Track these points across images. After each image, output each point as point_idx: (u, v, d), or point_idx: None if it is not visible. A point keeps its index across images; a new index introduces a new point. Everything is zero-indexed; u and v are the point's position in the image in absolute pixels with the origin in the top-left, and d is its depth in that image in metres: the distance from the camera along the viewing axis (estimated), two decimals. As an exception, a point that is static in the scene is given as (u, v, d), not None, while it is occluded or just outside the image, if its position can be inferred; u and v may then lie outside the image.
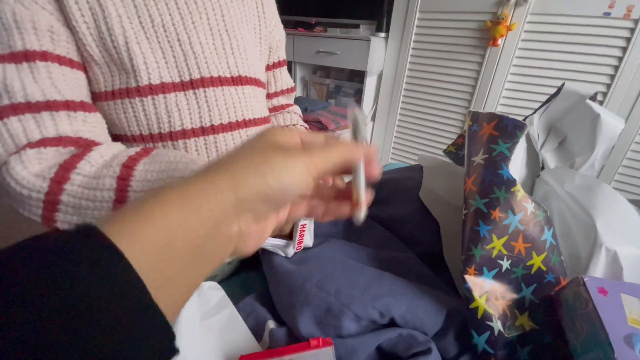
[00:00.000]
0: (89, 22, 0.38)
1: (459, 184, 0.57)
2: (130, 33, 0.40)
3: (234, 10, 0.48)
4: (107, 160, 0.35)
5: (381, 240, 0.52)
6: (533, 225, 0.38)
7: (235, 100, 0.48)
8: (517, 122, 0.40)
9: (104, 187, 0.33)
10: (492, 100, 1.51)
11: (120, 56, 0.40)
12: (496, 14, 1.39)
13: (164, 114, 0.43)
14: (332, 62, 1.81)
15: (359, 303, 0.38)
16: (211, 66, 0.45)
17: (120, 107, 0.42)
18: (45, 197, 0.33)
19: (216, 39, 0.46)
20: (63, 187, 0.33)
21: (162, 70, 0.42)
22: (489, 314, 0.36)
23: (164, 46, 0.42)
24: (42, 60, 0.35)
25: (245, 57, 0.50)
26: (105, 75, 0.41)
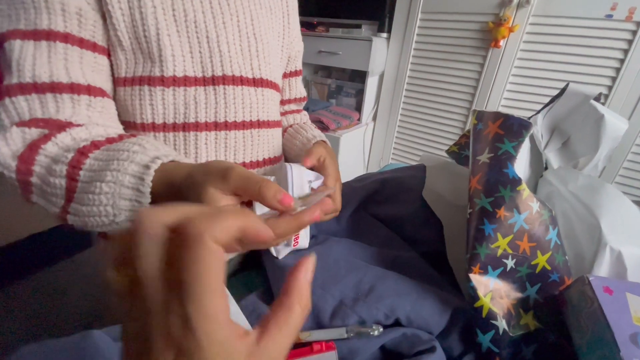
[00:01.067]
0: (124, 9, 0.39)
1: (462, 183, 0.57)
2: (163, 25, 0.41)
3: (262, 17, 0.50)
4: (72, 144, 0.34)
5: (384, 239, 0.52)
6: (538, 225, 0.38)
7: (252, 100, 0.49)
8: (522, 121, 0.40)
9: (55, 173, 0.33)
10: (493, 101, 1.51)
11: (150, 45, 0.41)
12: (498, 15, 1.39)
13: (181, 106, 0.44)
14: (333, 62, 1.80)
15: (364, 305, 0.38)
16: (234, 66, 0.46)
17: (137, 93, 0.43)
18: (17, 177, 0.33)
19: (243, 40, 0.47)
20: (31, 168, 0.33)
21: (187, 64, 0.43)
22: (493, 312, 0.36)
23: (192, 41, 0.43)
24: (62, 42, 0.36)
25: (268, 62, 0.51)
26: (129, 62, 0.42)
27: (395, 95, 1.80)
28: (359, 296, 0.39)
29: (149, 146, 0.34)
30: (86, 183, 0.32)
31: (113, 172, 0.31)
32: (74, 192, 0.33)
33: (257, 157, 0.52)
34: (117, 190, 0.30)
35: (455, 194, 0.55)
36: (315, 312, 0.39)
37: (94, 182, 0.31)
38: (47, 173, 0.33)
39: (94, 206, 0.31)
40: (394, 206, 0.55)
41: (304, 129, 0.62)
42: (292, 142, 0.60)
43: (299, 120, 0.68)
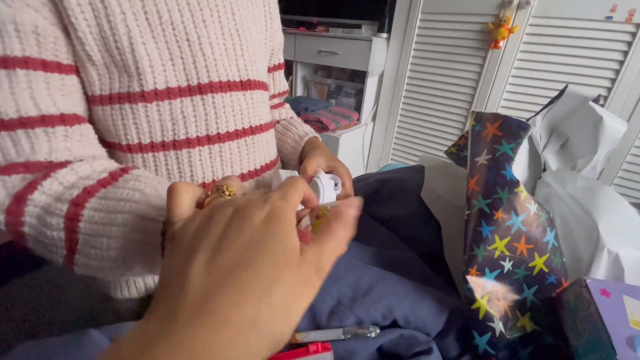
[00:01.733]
0: (90, 20, 0.34)
1: (460, 184, 0.57)
2: (136, 32, 0.36)
3: (244, 9, 0.45)
4: (61, 191, 0.32)
5: (383, 240, 0.52)
6: (536, 227, 0.38)
7: (243, 106, 0.46)
8: (521, 123, 0.40)
9: (52, 227, 0.30)
10: (492, 102, 1.51)
11: (124, 57, 0.36)
12: (498, 17, 1.39)
13: (168, 122, 0.40)
14: (333, 62, 1.80)
15: (361, 305, 0.38)
16: (220, 69, 0.42)
17: (118, 113, 0.39)
18: (7, 228, 0.32)
19: (227, 39, 0.43)
20: (21, 219, 0.31)
21: (168, 73, 0.39)
22: (490, 314, 0.36)
23: (171, 46, 0.38)
24: (22, 68, 0.31)
25: (254, 60, 0.47)
26: (103, 78, 0.37)
27: (394, 95, 1.80)
28: (356, 296, 0.39)
29: (148, 190, 0.32)
30: (90, 236, 0.30)
31: (120, 227, 0.29)
32: (76, 244, 0.31)
33: (254, 165, 0.49)
34: (128, 246, 0.29)
35: (454, 194, 0.55)
36: (312, 312, 0.39)
37: (99, 236, 0.30)
38: (41, 225, 0.31)
39: (103, 261, 0.30)
40: (393, 206, 0.55)
41: (293, 125, 0.60)
42: (283, 140, 0.58)
43: (285, 114, 0.65)
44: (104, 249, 0.30)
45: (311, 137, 0.57)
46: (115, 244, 0.29)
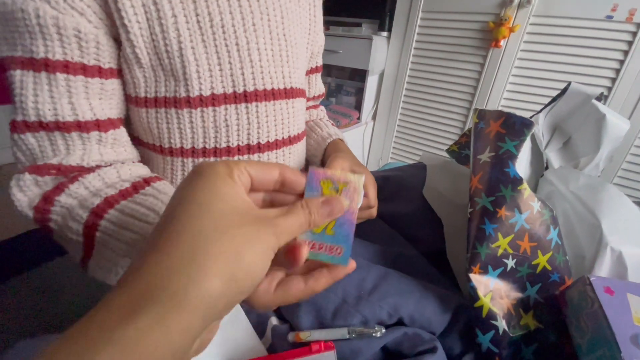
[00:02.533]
0: (142, 22, 0.34)
1: (462, 182, 0.57)
2: (186, 36, 0.36)
3: (292, 12, 0.44)
4: (86, 196, 0.33)
5: (385, 237, 0.52)
6: (539, 224, 0.38)
7: (284, 116, 0.45)
8: (524, 120, 0.40)
9: (72, 230, 0.32)
10: (493, 101, 1.51)
11: (172, 62, 0.36)
12: (499, 15, 1.38)
13: (211, 129, 0.40)
14: (333, 61, 1.80)
15: (367, 304, 0.38)
16: (266, 77, 0.42)
17: (163, 117, 0.39)
18: (35, 222, 0.33)
19: (275, 45, 0.42)
20: (47, 216, 0.33)
21: (215, 79, 0.38)
22: (493, 312, 0.36)
23: (220, 50, 0.38)
24: (62, 72, 0.32)
25: (297, 67, 0.47)
26: (149, 80, 0.37)
27: (395, 94, 1.80)
28: (361, 295, 0.38)
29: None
30: (103, 247, 0.32)
31: (128, 246, 0.30)
32: (91, 250, 0.32)
33: None
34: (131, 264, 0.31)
35: (456, 193, 0.55)
36: (317, 310, 0.38)
37: (109, 249, 0.31)
38: (64, 225, 0.32)
39: (110, 273, 0.32)
40: (395, 204, 0.54)
41: (319, 126, 0.59)
42: (307, 142, 0.57)
43: (315, 115, 0.63)
44: (111, 262, 0.31)
45: (335, 140, 0.55)
46: (123, 262, 0.31)
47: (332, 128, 0.60)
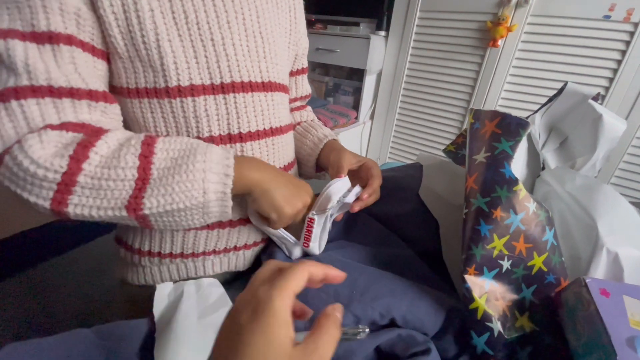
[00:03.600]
0: (118, 13, 0.35)
1: (458, 183, 0.56)
2: (163, 29, 0.37)
3: (268, 13, 0.46)
4: (124, 141, 0.35)
5: (381, 237, 0.52)
6: (534, 225, 0.38)
7: (264, 107, 0.46)
8: (520, 120, 0.39)
9: (126, 164, 0.33)
10: (491, 100, 1.51)
11: (150, 53, 0.37)
12: (497, 15, 1.38)
13: (192, 119, 0.41)
14: (331, 60, 1.79)
15: (359, 304, 0.37)
16: (242, 70, 0.43)
17: (147, 107, 0.40)
18: (61, 177, 0.31)
19: (250, 41, 0.44)
20: (82, 166, 0.32)
21: (192, 71, 0.40)
22: (488, 314, 0.36)
23: (196, 45, 0.39)
24: (66, 44, 0.33)
25: (276, 62, 0.48)
26: (128, 71, 0.39)
27: (393, 93, 1.80)
28: (353, 295, 0.38)
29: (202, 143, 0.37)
30: (166, 169, 0.34)
31: (198, 159, 0.35)
32: (147, 180, 0.34)
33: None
34: (206, 177, 0.35)
35: (452, 193, 0.55)
36: None
37: (179, 166, 0.34)
38: (105, 167, 0.33)
39: (178, 192, 0.34)
40: (391, 204, 0.54)
41: (313, 127, 0.61)
42: (302, 142, 0.59)
43: (305, 117, 0.66)
44: (185, 179, 0.34)
45: (330, 140, 0.57)
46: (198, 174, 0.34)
47: (326, 129, 0.61)
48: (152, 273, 0.49)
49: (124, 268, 0.51)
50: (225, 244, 0.49)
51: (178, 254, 0.48)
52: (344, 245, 0.50)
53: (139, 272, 0.50)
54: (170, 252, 0.47)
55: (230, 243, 0.49)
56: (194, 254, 0.48)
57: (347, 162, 0.50)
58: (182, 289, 0.46)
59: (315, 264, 0.25)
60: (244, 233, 0.50)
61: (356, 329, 0.35)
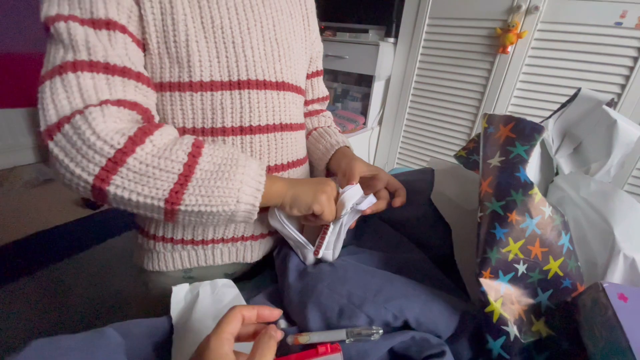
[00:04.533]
0: (156, 14, 0.41)
1: (470, 188, 0.56)
2: (192, 32, 0.42)
3: (284, 22, 0.52)
4: (175, 137, 0.39)
5: (393, 242, 0.52)
6: (550, 230, 0.38)
7: (275, 104, 0.50)
8: (535, 125, 0.40)
9: (176, 158, 0.36)
10: (500, 107, 1.50)
11: (179, 51, 0.42)
12: (506, 22, 1.38)
13: (208, 111, 0.46)
14: (340, 66, 1.81)
15: (372, 304, 0.38)
16: (258, 70, 0.48)
17: (168, 100, 0.45)
18: (115, 153, 0.33)
19: (267, 45, 0.49)
20: (136, 148, 0.34)
21: (213, 68, 0.45)
22: (504, 318, 0.36)
23: (219, 46, 0.45)
24: (121, 32, 0.38)
25: (290, 65, 0.53)
26: (154, 66, 0.43)
27: (401, 99, 1.80)
28: (367, 296, 0.38)
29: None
30: (209, 172, 0.37)
31: (239, 171, 0.38)
32: (190, 177, 0.36)
33: (281, 160, 0.53)
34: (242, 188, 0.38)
35: (464, 198, 0.55)
36: (322, 310, 0.38)
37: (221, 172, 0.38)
38: (156, 156, 0.35)
39: (219, 197, 0.37)
40: (403, 209, 0.54)
41: (328, 133, 0.63)
42: (316, 147, 0.62)
43: (323, 122, 0.69)
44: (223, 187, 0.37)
45: (342, 147, 0.60)
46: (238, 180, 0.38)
47: (340, 136, 0.63)
48: (165, 259, 0.52)
49: (141, 254, 0.54)
50: (233, 233, 0.52)
51: (189, 240, 0.50)
52: (357, 251, 0.50)
53: (153, 257, 0.53)
54: (182, 238, 0.50)
55: (238, 232, 0.52)
56: (204, 241, 0.51)
57: (359, 170, 0.52)
58: (198, 290, 0.47)
59: (247, 307, 0.31)
60: (251, 224, 0.52)
61: (369, 329, 0.36)
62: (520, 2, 1.33)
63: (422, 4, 1.59)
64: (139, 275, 0.57)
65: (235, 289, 0.47)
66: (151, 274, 0.54)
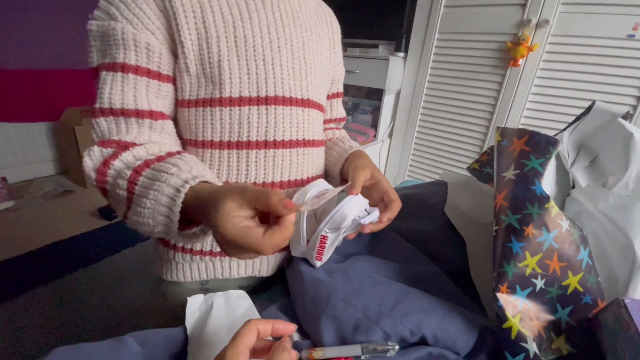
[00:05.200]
0: (194, 41, 0.45)
1: (484, 201, 0.56)
2: (225, 52, 0.46)
3: (312, 42, 0.54)
4: (132, 161, 0.41)
5: (407, 254, 0.52)
6: (568, 244, 0.37)
7: (299, 120, 0.52)
8: (549, 138, 0.40)
9: (120, 186, 0.39)
10: (513, 119, 1.50)
11: (212, 70, 0.46)
12: (517, 35, 1.39)
13: (236, 125, 0.48)
14: (350, 81, 1.84)
15: (388, 319, 0.37)
16: (285, 87, 0.50)
17: (200, 115, 0.48)
18: (95, 184, 0.41)
19: (295, 63, 0.51)
20: (105, 178, 0.41)
21: (243, 85, 0.47)
22: (523, 334, 0.35)
23: (250, 64, 0.47)
24: (133, 74, 0.43)
25: (315, 84, 0.55)
26: (193, 85, 0.47)
27: (411, 112, 1.81)
28: (383, 310, 0.38)
29: (184, 167, 0.39)
30: (138, 197, 0.38)
31: (154, 192, 0.37)
32: (130, 203, 0.39)
33: (301, 175, 0.54)
34: (156, 208, 0.37)
35: (478, 211, 0.54)
36: (337, 324, 0.38)
37: (141, 197, 0.38)
38: (114, 183, 0.40)
39: (140, 217, 0.38)
40: (416, 222, 0.54)
41: (341, 141, 0.65)
42: (329, 153, 0.63)
43: (338, 134, 0.71)
44: (142, 207, 0.37)
45: (355, 150, 0.61)
46: (149, 204, 0.37)
47: (354, 142, 0.65)
48: (184, 270, 0.53)
49: (160, 264, 0.55)
50: None
51: (207, 251, 0.52)
52: (371, 260, 0.50)
53: (172, 268, 0.54)
54: (201, 249, 0.52)
55: None
56: (222, 253, 0.52)
57: (362, 178, 0.50)
58: (212, 301, 0.47)
59: (262, 321, 0.31)
60: None
61: (385, 345, 0.35)
62: (530, 16, 1.34)
63: (431, 20, 1.61)
64: (157, 286, 0.58)
65: (249, 300, 0.48)
66: (169, 285, 0.55)
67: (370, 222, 0.46)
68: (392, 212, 0.48)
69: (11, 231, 1.62)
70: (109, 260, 1.48)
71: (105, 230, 1.70)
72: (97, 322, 1.17)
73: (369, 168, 0.53)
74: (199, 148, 0.50)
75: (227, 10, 0.46)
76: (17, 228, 1.65)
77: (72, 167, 2.18)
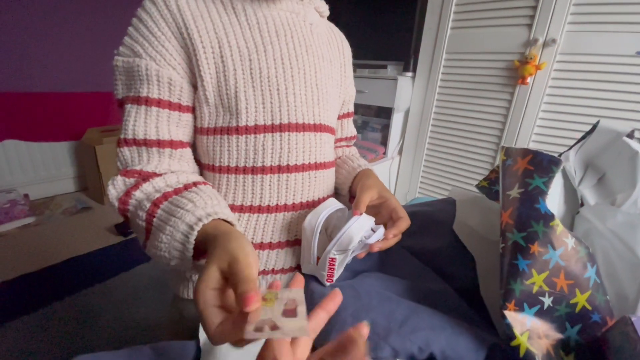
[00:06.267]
0: (212, 74, 0.48)
1: (493, 218, 0.57)
2: (241, 83, 0.48)
3: (324, 69, 0.56)
4: (152, 192, 0.44)
5: (416, 272, 0.52)
6: (575, 262, 0.38)
7: (312, 144, 0.54)
8: (552, 158, 0.41)
9: (140, 217, 0.42)
10: (523, 138, 1.50)
11: (230, 101, 0.48)
12: (524, 54, 1.41)
13: (251, 151, 0.51)
14: (360, 100, 1.88)
15: (397, 336, 0.38)
16: (299, 114, 0.52)
17: (218, 142, 0.51)
18: (119, 212, 0.44)
19: (308, 90, 0.53)
20: (127, 207, 0.44)
21: (258, 113, 0.50)
22: (531, 353, 0.35)
23: (265, 93, 0.50)
24: (156, 106, 0.46)
25: (327, 108, 0.57)
26: (212, 115, 0.50)
27: (421, 130, 1.83)
28: (391, 326, 0.39)
29: (199, 202, 0.41)
30: (156, 230, 0.41)
31: (170, 227, 0.39)
32: (149, 234, 0.42)
33: (313, 197, 0.56)
34: (172, 243, 0.39)
35: (488, 228, 0.55)
36: None
37: (159, 232, 0.40)
38: (135, 213, 0.43)
39: (157, 250, 0.40)
40: (425, 239, 0.55)
41: (350, 159, 0.67)
42: (339, 171, 0.65)
43: (348, 152, 0.73)
44: (159, 241, 0.39)
45: (364, 169, 0.63)
46: (165, 239, 0.39)
47: (362, 160, 0.67)
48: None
49: (177, 281, 0.57)
50: (265, 265, 0.54)
51: None
52: (380, 277, 0.51)
53: (188, 286, 0.55)
54: None
55: (269, 265, 0.54)
56: None
57: (367, 197, 0.51)
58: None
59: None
60: (281, 257, 0.54)
61: None
62: (537, 35, 1.36)
63: (439, 40, 1.65)
64: (173, 302, 0.59)
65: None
66: (186, 302, 0.56)
67: (377, 240, 0.46)
68: (397, 229, 0.48)
69: (31, 246, 1.68)
70: (124, 275, 1.51)
71: (121, 246, 1.75)
72: (113, 335, 1.19)
73: (375, 187, 0.53)
74: (216, 173, 0.52)
75: (243, 44, 0.48)
76: (37, 243, 1.71)
77: (92, 185, 2.26)
